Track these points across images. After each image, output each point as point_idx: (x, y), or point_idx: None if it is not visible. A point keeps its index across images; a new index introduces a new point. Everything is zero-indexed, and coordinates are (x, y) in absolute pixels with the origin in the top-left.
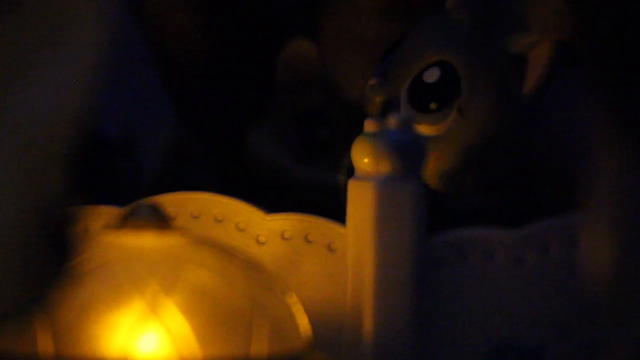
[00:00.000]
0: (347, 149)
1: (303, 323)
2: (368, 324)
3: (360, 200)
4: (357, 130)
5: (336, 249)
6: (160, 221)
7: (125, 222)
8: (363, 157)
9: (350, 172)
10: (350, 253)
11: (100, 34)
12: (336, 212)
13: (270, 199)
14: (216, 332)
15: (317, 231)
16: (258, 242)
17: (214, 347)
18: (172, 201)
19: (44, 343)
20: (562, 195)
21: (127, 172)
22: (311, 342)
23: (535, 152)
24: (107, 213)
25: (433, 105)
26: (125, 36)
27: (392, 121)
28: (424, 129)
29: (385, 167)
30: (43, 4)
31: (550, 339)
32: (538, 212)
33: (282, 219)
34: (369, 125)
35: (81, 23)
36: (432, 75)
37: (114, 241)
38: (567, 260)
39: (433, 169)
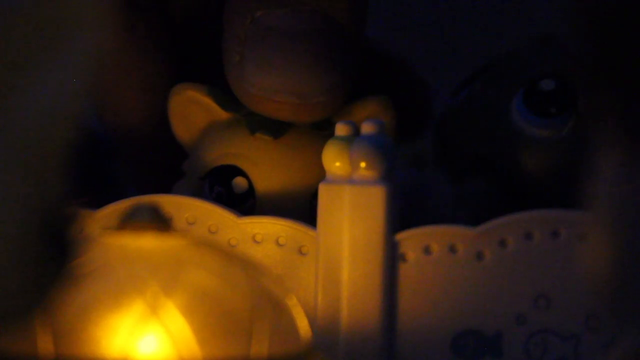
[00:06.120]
0: None
1: (303, 325)
2: (344, 323)
3: (332, 203)
4: None
5: (307, 252)
6: (160, 222)
7: (125, 223)
8: (334, 161)
9: None
10: (320, 256)
11: (99, 36)
12: None
13: None
14: (216, 334)
15: (288, 234)
16: (230, 245)
17: (214, 349)
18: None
19: (44, 344)
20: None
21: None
22: (311, 344)
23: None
24: (106, 214)
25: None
26: None
27: (365, 125)
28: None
29: (356, 170)
30: (43, 6)
31: (506, 326)
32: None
33: (254, 222)
34: (340, 129)
35: (80, 25)
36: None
37: (114, 242)
38: (524, 254)
39: None
